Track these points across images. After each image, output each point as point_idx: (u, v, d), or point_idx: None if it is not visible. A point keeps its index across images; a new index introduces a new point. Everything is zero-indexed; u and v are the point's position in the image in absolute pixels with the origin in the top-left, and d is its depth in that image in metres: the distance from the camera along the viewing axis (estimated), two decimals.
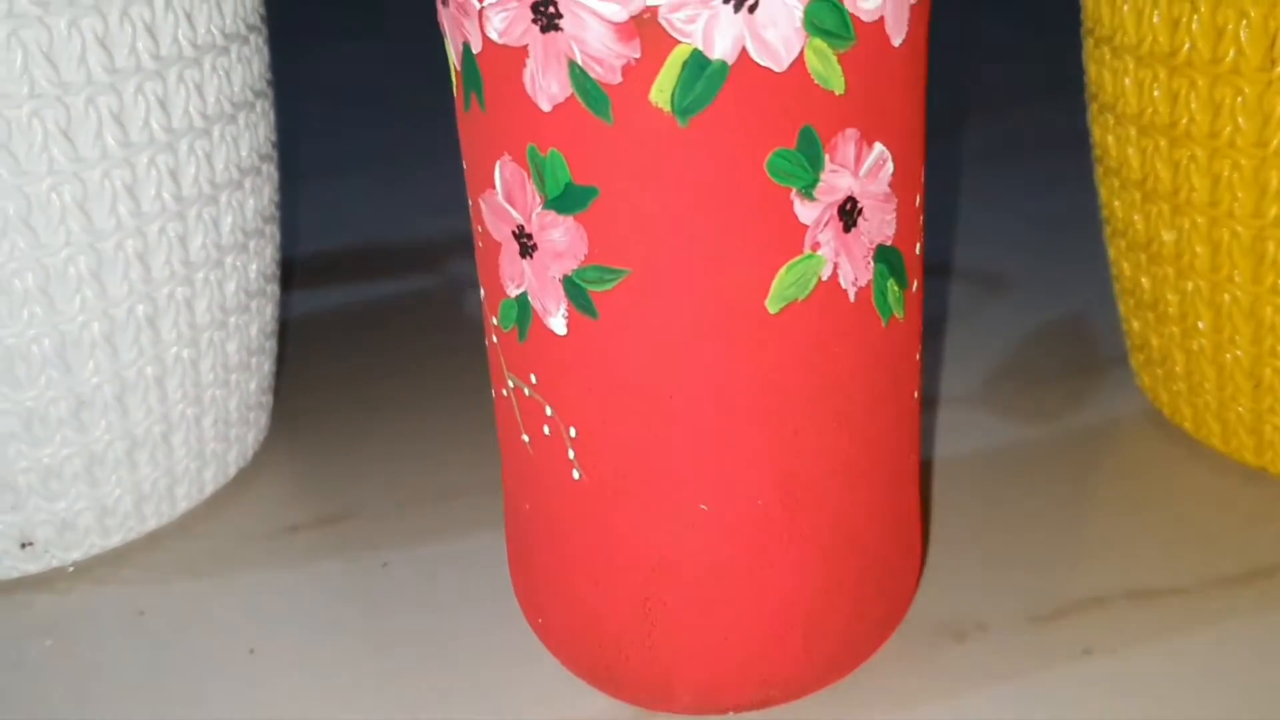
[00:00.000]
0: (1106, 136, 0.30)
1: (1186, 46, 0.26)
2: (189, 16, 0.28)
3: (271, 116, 0.32)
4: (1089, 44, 0.30)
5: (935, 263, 0.43)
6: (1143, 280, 0.31)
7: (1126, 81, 0.28)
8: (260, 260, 0.32)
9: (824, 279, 0.20)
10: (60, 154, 0.26)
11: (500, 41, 0.19)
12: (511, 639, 0.26)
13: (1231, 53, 0.25)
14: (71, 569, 0.30)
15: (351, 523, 0.31)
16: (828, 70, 0.19)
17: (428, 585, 0.29)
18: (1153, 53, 0.27)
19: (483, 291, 0.23)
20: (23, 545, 0.30)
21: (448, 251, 0.48)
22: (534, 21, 0.19)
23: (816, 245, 0.20)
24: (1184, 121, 0.27)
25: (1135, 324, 0.32)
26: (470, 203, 0.22)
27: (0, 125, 0.25)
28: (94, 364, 0.28)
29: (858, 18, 0.19)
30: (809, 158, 0.19)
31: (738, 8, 0.18)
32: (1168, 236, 0.29)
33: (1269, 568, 0.27)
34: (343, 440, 0.35)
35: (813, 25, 0.19)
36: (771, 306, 0.20)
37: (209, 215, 0.29)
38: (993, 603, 0.27)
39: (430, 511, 0.31)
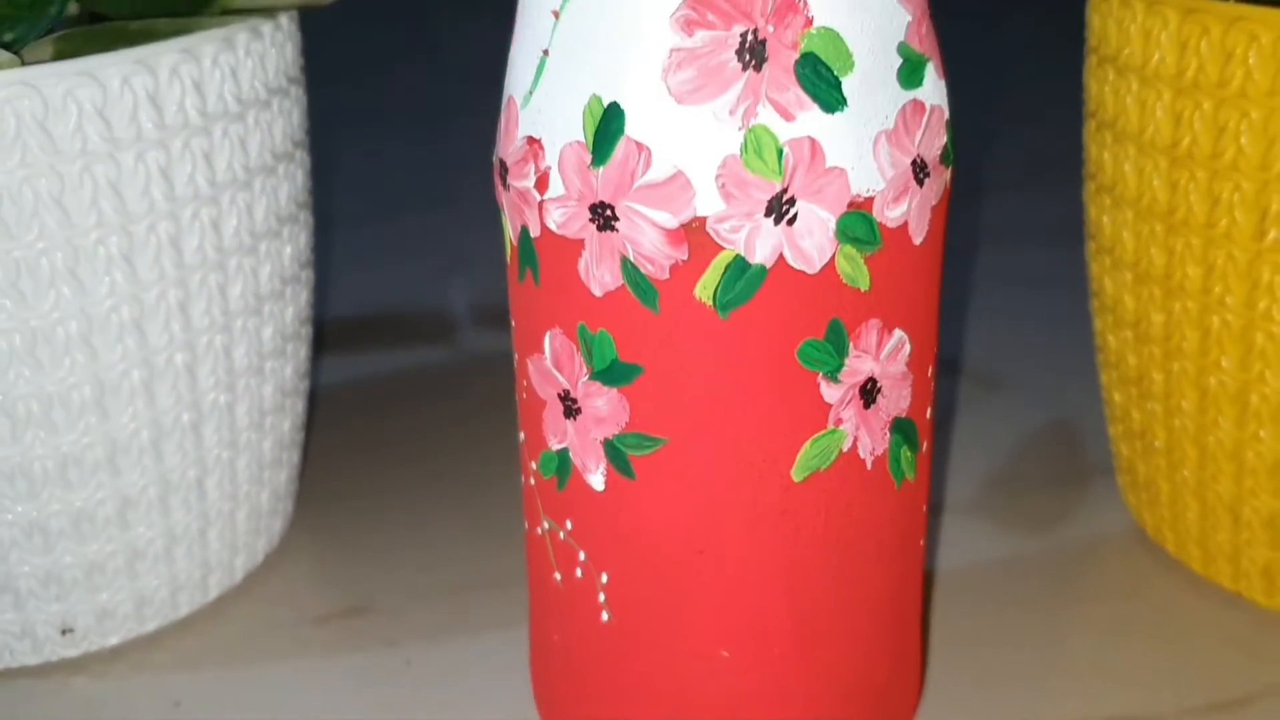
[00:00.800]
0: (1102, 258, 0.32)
1: (1188, 140, 0.28)
2: (234, 73, 0.29)
3: (308, 164, 0.33)
4: (1090, 125, 0.32)
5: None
6: (1133, 412, 0.32)
7: (1126, 167, 0.30)
8: (296, 360, 0.34)
9: (844, 450, 0.22)
10: (110, 208, 0.27)
11: (558, 232, 0.21)
12: None
13: (1231, 150, 0.27)
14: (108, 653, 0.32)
15: (375, 615, 0.33)
16: (855, 271, 0.21)
17: (449, 686, 0.30)
18: (1154, 143, 0.29)
19: (522, 435, 0.25)
20: (63, 632, 0.31)
21: (458, 323, 0.50)
22: (591, 220, 0.21)
23: (839, 421, 0.22)
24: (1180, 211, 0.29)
25: (1123, 449, 0.34)
26: (516, 357, 0.24)
27: (54, 180, 0.26)
28: (141, 468, 0.30)
29: (884, 225, 0.21)
30: (836, 346, 0.21)
31: (777, 221, 0.20)
32: (1157, 377, 0.31)
33: (1243, 698, 0.29)
34: (364, 524, 0.37)
35: (844, 234, 0.20)
36: (796, 475, 0.22)
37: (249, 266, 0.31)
38: (986, 711, 0.28)
39: (452, 603, 0.33)
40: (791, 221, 0.20)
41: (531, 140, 0.21)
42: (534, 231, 0.22)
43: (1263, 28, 0.26)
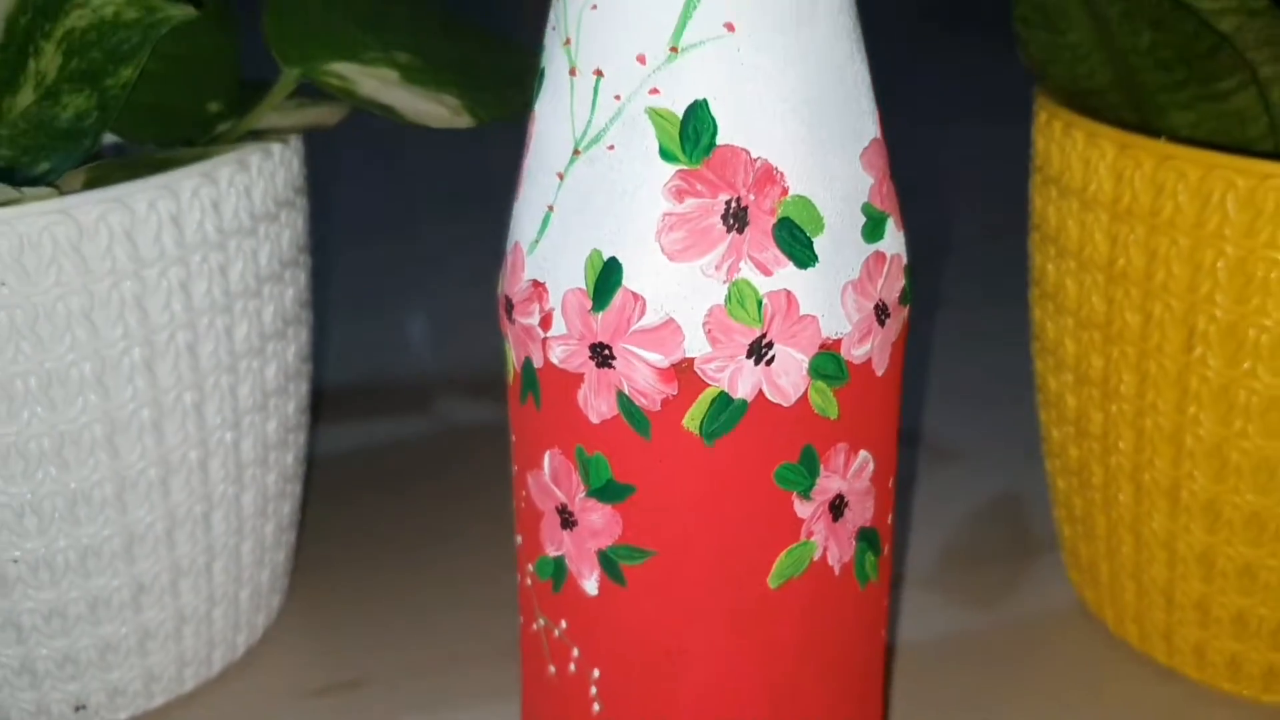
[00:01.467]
0: (1047, 367, 0.35)
1: (1123, 260, 0.31)
2: (248, 191, 0.31)
3: (310, 266, 0.35)
4: (1035, 236, 0.34)
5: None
6: (1075, 499, 0.35)
7: (1068, 280, 0.33)
8: (295, 448, 0.36)
9: (815, 559, 0.25)
10: (134, 321, 0.29)
11: (560, 365, 0.24)
12: None
13: (1161, 273, 0.30)
14: None
15: (371, 687, 0.35)
16: (826, 403, 0.23)
17: None
18: (1093, 260, 0.31)
19: (519, 539, 0.27)
20: (76, 709, 0.33)
21: (438, 392, 0.52)
22: (591, 358, 0.23)
23: (810, 534, 0.24)
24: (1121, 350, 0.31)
25: (1066, 531, 0.37)
26: (515, 469, 0.26)
27: (85, 297, 0.28)
28: (155, 556, 0.32)
29: (851, 362, 0.23)
30: (808, 469, 0.24)
31: (757, 362, 0.22)
32: (1096, 469, 0.34)
33: None
34: (356, 597, 0.39)
35: (815, 372, 0.23)
36: (773, 583, 0.24)
37: (256, 365, 0.33)
38: None
39: (444, 675, 0.35)
40: (770, 362, 0.23)
41: (536, 284, 0.24)
42: (537, 363, 0.24)
43: (1190, 165, 0.29)
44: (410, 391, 0.53)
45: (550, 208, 0.23)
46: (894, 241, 0.24)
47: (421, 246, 0.69)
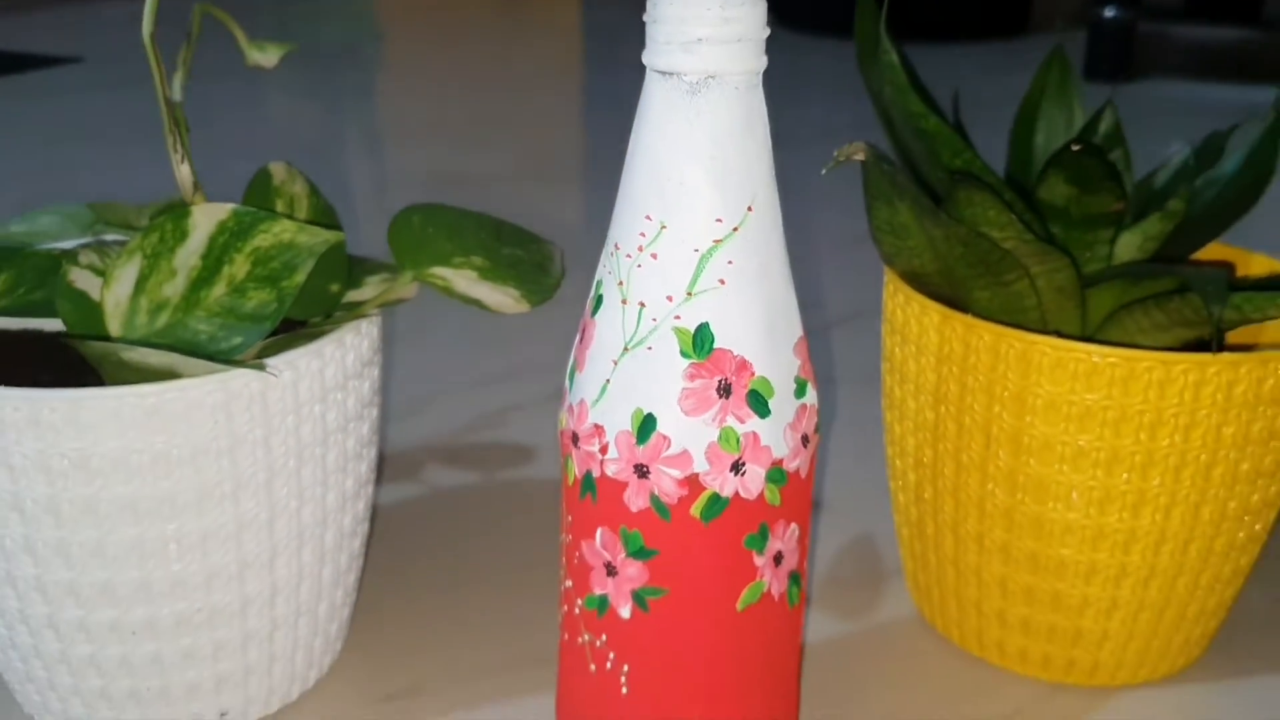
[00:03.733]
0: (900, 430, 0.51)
1: (943, 388, 0.47)
2: (343, 360, 0.43)
3: (376, 414, 0.49)
4: (885, 365, 0.50)
5: None
6: (914, 542, 0.51)
7: (909, 401, 0.49)
8: (353, 519, 0.50)
9: (765, 592, 0.40)
10: (260, 454, 0.42)
11: (612, 477, 0.38)
12: None
13: (969, 398, 0.46)
14: None
15: (429, 694, 0.49)
16: (774, 497, 0.39)
17: None
18: (921, 386, 0.47)
19: (570, 583, 0.42)
20: (221, 715, 0.46)
21: (424, 459, 0.66)
22: (634, 472, 0.38)
23: (762, 576, 0.40)
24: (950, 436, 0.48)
25: (908, 563, 0.53)
26: (569, 538, 0.41)
27: (229, 439, 0.41)
28: (271, 613, 0.45)
29: (789, 471, 0.39)
30: (763, 536, 0.39)
31: (736, 474, 0.38)
32: (929, 525, 0.50)
33: None
34: (411, 623, 0.52)
35: (769, 479, 0.38)
36: (739, 607, 0.40)
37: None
38: None
39: (487, 682, 0.49)
40: (743, 475, 0.38)
41: (598, 426, 0.38)
42: (595, 474, 0.39)
43: (986, 331, 0.45)
44: (400, 460, 0.66)
45: (608, 380, 0.38)
46: (812, 396, 0.40)
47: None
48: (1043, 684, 0.50)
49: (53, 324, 0.47)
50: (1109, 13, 1.69)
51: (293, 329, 0.44)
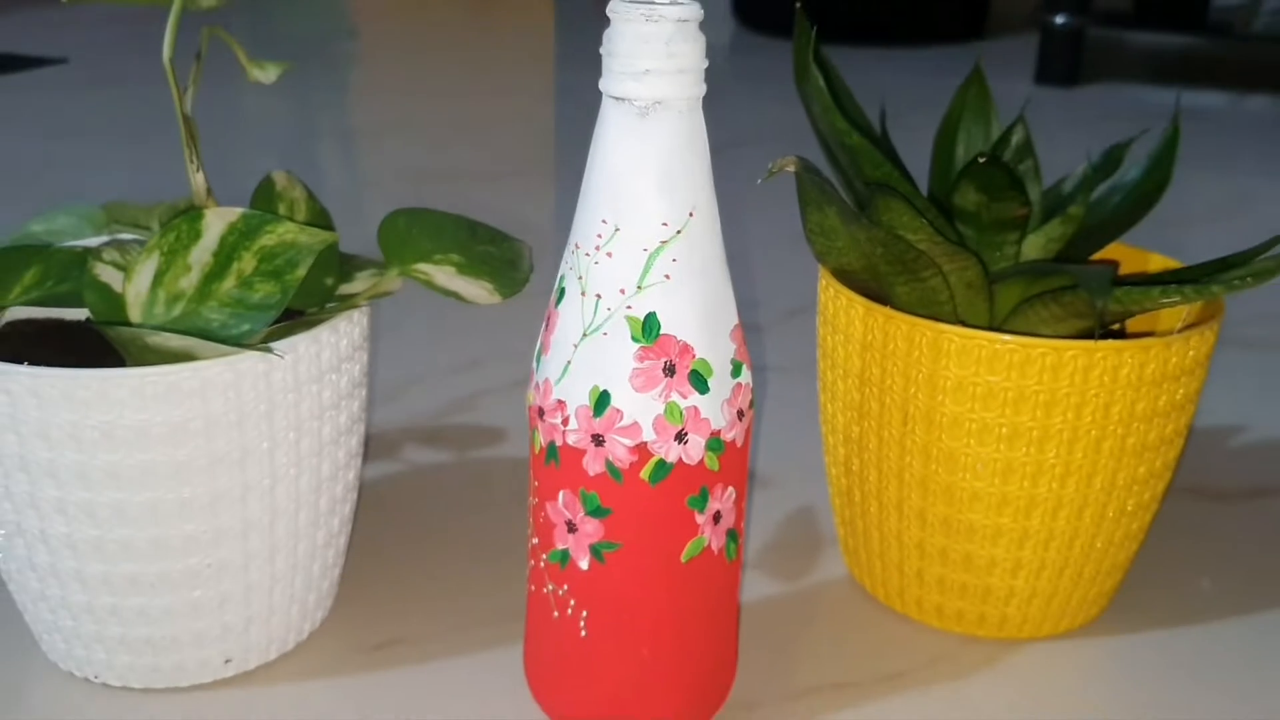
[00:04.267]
0: (831, 398, 0.57)
1: (867, 372, 0.53)
2: (336, 345, 0.49)
3: (364, 394, 0.54)
4: (820, 352, 0.57)
5: None
6: (845, 511, 0.58)
7: (839, 383, 0.55)
8: (344, 487, 0.56)
9: (705, 547, 0.46)
10: (264, 426, 0.48)
11: (572, 445, 0.44)
12: (532, 710, 0.51)
13: (889, 380, 0.52)
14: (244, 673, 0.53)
15: (412, 643, 0.55)
16: (713, 464, 0.45)
17: (465, 684, 0.52)
18: (848, 370, 0.54)
19: (536, 539, 0.47)
20: (225, 661, 0.52)
21: (403, 440, 0.72)
22: (592, 440, 0.44)
23: (703, 532, 0.46)
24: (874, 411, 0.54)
25: (841, 531, 0.59)
26: (535, 500, 0.47)
27: (238, 412, 0.47)
28: (271, 568, 0.51)
29: (726, 441, 0.45)
30: (703, 498, 0.45)
31: (679, 442, 0.44)
32: (856, 494, 0.56)
33: (898, 671, 0.54)
34: (393, 588, 0.58)
35: (709, 447, 0.44)
36: (683, 560, 0.46)
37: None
38: (763, 689, 0.53)
39: (464, 635, 0.55)
40: (685, 443, 0.44)
41: (560, 401, 0.44)
42: (558, 443, 0.45)
43: (904, 322, 0.51)
44: (381, 440, 0.72)
45: (569, 362, 0.44)
46: (747, 377, 0.46)
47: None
48: (957, 637, 0.56)
49: (75, 314, 0.53)
50: (1059, 19, 1.76)
51: (293, 318, 0.49)
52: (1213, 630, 0.57)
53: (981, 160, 0.50)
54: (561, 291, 0.45)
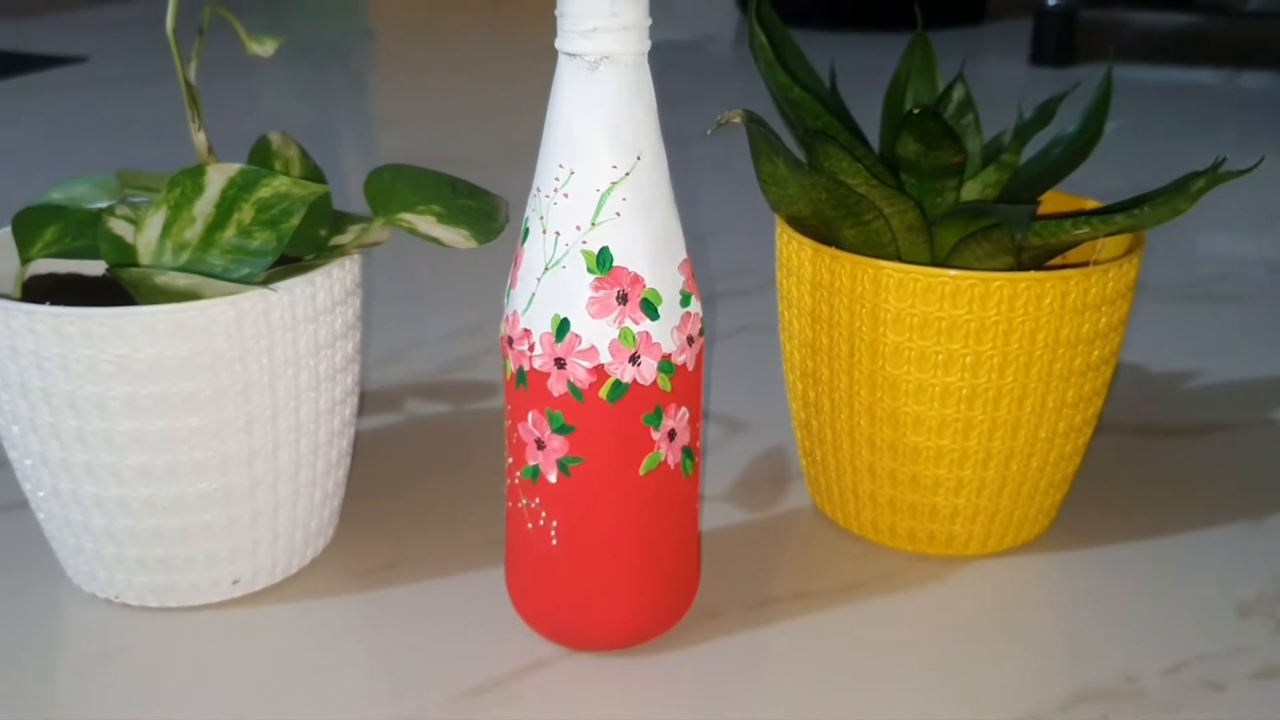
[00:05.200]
0: (789, 338, 0.62)
1: (818, 309, 0.58)
2: (330, 288, 0.54)
3: (361, 329, 0.59)
4: (779, 293, 0.61)
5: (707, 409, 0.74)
6: (807, 444, 0.62)
7: (794, 321, 0.60)
8: (341, 421, 0.61)
9: (662, 461, 0.51)
10: (265, 360, 0.53)
11: (538, 369, 0.49)
12: (514, 622, 0.55)
13: (837, 315, 0.57)
14: (252, 592, 0.58)
15: (404, 567, 0.60)
16: (665, 384, 0.50)
17: (455, 601, 0.57)
18: (801, 308, 0.58)
19: (510, 460, 0.52)
20: (234, 582, 0.57)
21: (404, 395, 0.77)
22: (555, 364, 0.49)
23: (659, 448, 0.50)
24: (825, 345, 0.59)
25: (805, 464, 0.64)
26: (509, 422, 0.52)
27: (240, 347, 0.52)
28: (273, 495, 0.56)
29: (677, 364, 0.50)
30: (658, 415, 0.50)
31: (633, 364, 0.49)
32: (814, 423, 0.61)
33: (854, 584, 0.59)
34: (392, 516, 0.63)
35: (661, 369, 0.49)
36: (642, 472, 0.50)
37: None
38: (727, 599, 0.57)
39: (451, 561, 0.60)
40: (639, 365, 0.49)
41: (527, 330, 0.49)
42: (526, 368, 0.50)
43: (849, 261, 0.56)
44: (383, 396, 0.77)
45: (534, 294, 0.49)
46: (695, 306, 0.50)
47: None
48: (910, 555, 0.61)
49: (92, 266, 0.58)
50: (1052, 2, 1.80)
51: (289, 264, 0.55)
52: (1148, 546, 0.62)
53: (916, 112, 0.54)
54: (526, 231, 0.49)
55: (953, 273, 0.54)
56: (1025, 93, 1.64)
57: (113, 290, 0.54)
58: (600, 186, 0.47)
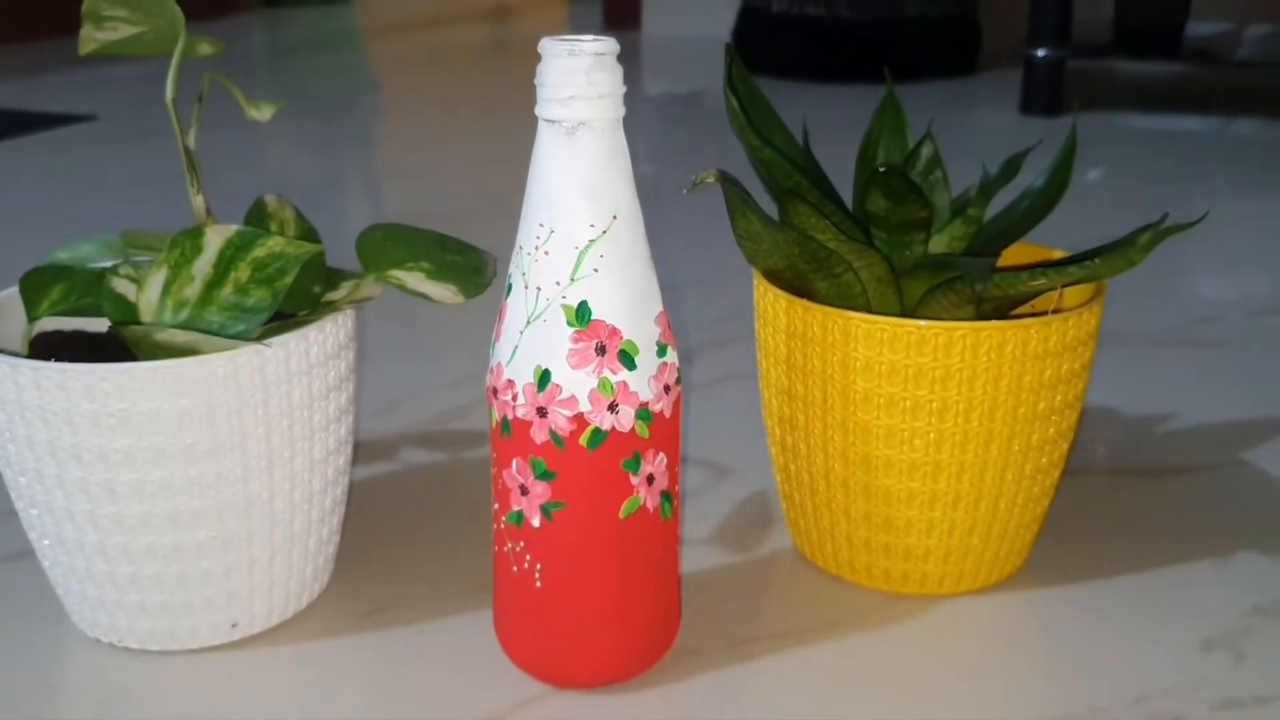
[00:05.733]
0: (770, 393, 0.64)
1: (793, 358, 0.60)
2: (324, 343, 0.57)
3: (355, 381, 0.62)
4: (757, 343, 0.64)
5: (688, 455, 0.76)
6: (787, 488, 0.65)
7: (771, 370, 0.62)
8: (336, 470, 0.63)
9: (641, 505, 0.53)
10: (261, 413, 0.56)
11: (521, 417, 0.52)
12: (502, 662, 0.58)
13: (810, 364, 0.59)
14: (250, 635, 0.60)
15: (399, 609, 0.62)
16: (644, 431, 0.52)
17: (445, 641, 0.60)
18: (777, 357, 0.61)
19: (496, 505, 0.55)
20: (233, 625, 0.59)
21: (399, 444, 0.79)
22: (537, 413, 0.51)
23: (639, 492, 0.53)
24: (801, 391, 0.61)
25: (786, 508, 0.66)
26: (495, 469, 0.54)
27: (237, 400, 0.55)
28: (272, 541, 0.58)
29: (654, 412, 0.52)
30: (637, 461, 0.52)
31: (612, 412, 0.51)
32: (792, 467, 0.63)
33: (830, 623, 0.61)
34: (386, 561, 0.66)
35: (639, 417, 0.52)
36: (622, 516, 0.53)
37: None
38: (706, 638, 0.59)
39: (443, 604, 0.62)
40: (618, 413, 0.51)
41: (510, 381, 0.52)
42: (510, 417, 0.52)
43: (821, 312, 0.58)
44: (377, 445, 0.80)
45: (516, 347, 0.51)
46: (672, 357, 0.53)
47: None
48: (886, 594, 0.63)
49: (96, 323, 0.60)
50: (1040, 53, 1.84)
51: (284, 320, 0.57)
52: (1118, 584, 0.64)
53: (883, 170, 0.57)
54: (509, 287, 0.52)
55: (921, 323, 0.56)
56: (1014, 140, 1.67)
57: (115, 347, 0.57)
58: (579, 244, 0.50)
